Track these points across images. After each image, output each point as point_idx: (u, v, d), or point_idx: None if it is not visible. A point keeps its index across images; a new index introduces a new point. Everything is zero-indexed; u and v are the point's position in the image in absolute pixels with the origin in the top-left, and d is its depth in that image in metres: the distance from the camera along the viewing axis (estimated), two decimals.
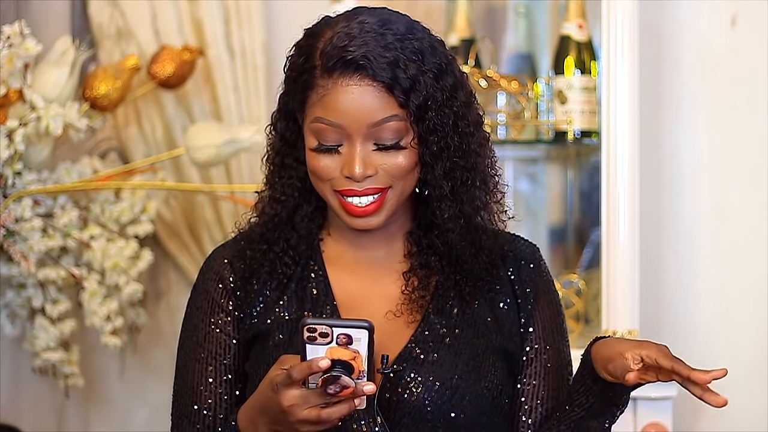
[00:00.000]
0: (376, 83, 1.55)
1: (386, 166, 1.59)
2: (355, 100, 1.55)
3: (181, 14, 2.83)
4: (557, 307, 1.72)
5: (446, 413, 1.59)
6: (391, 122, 1.57)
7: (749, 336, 2.75)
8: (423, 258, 1.67)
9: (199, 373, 1.68)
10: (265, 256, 1.68)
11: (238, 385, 1.68)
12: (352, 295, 1.67)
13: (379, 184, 1.59)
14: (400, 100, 1.56)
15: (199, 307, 1.71)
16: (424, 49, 1.59)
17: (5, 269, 2.54)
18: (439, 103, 1.59)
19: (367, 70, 1.55)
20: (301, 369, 1.43)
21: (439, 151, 1.60)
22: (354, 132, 1.57)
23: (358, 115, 1.56)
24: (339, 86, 1.56)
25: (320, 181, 1.62)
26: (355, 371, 1.43)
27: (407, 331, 1.64)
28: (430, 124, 1.59)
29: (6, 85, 2.41)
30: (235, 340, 1.68)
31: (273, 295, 1.68)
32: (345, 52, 1.55)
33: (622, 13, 2.47)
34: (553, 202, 2.95)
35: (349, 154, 1.58)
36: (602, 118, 2.49)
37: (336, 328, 1.42)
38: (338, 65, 1.55)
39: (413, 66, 1.56)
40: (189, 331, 1.71)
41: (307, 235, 1.69)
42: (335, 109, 1.56)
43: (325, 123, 1.57)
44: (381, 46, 1.55)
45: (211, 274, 1.71)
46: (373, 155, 1.58)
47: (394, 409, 1.57)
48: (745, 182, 2.76)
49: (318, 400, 1.44)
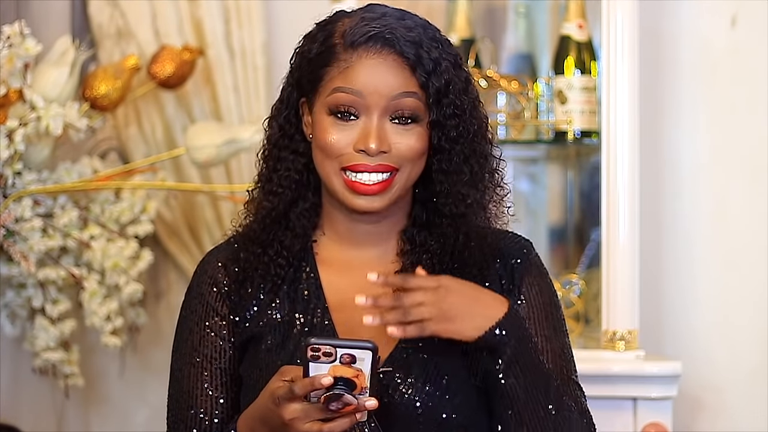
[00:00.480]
0: (400, 59, 1.59)
1: (399, 145, 1.60)
2: (378, 72, 1.59)
3: (181, 14, 2.83)
4: (550, 298, 1.70)
5: (438, 414, 1.59)
6: (411, 98, 1.60)
7: (749, 336, 2.75)
8: (415, 257, 1.67)
9: (195, 377, 1.68)
10: (259, 259, 1.68)
11: (234, 389, 1.68)
12: (344, 296, 1.67)
13: (390, 161, 1.60)
14: (422, 79, 1.59)
15: (193, 310, 1.71)
16: (442, 40, 1.63)
17: (5, 269, 2.54)
18: (459, 88, 1.62)
19: (393, 45, 1.58)
20: (303, 385, 1.44)
21: (458, 136, 1.63)
22: (373, 103, 1.59)
23: (379, 86, 1.59)
24: (363, 58, 1.59)
25: (328, 159, 1.62)
26: (357, 387, 1.43)
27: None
28: (449, 110, 1.61)
29: (6, 85, 2.41)
30: (230, 344, 1.68)
31: (266, 297, 1.68)
32: (370, 29, 1.58)
33: (622, 13, 2.47)
34: (553, 202, 2.95)
35: (366, 126, 1.60)
36: (602, 118, 2.49)
37: (340, 348, 1.43)
38: (363, 40, 1.59)
39: (435, 50, 1.60)
40: (184, 334, 1.71)
41: (302, 234, 1.69)
42: (357, 80, 1.59)
43: (345, 92, 1.59)
44: (404, 27, 1.59)
45: (205, 277, 1.71)
46: (388, 132, 1.60)
47: (386, 410, 1.57)
48: (745, 182, 2.76)
49: (319, 415, 1.45)
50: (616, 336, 2.46)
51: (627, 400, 2.45)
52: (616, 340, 2.46)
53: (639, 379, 2.44)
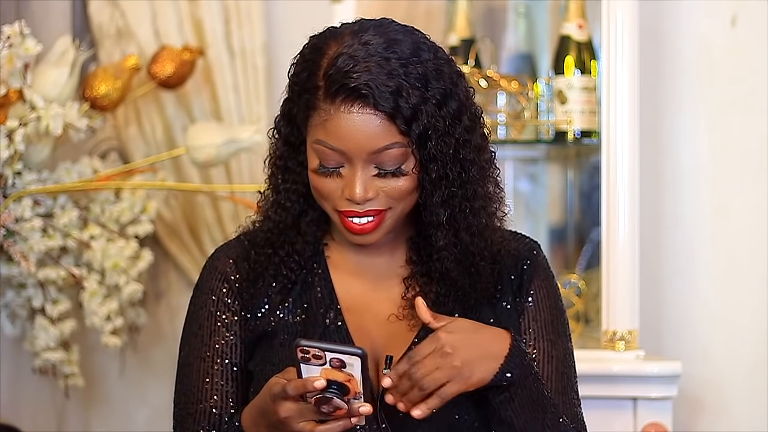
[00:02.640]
0: (378, 112, 1.55)
1: (387, 189, 1.60)
2: (356, 128, 1.56)
3: (181, 14, 2.83)
4: (555, 301, 1.71)
5: (449, 416, 1.60)
6: (393, 149, 1.57)
7: (749, 336, 2.75)
8: (423, 267, 1.68)
9: (205, 371, 1.68)
10: (270, 260, 1.69)
11: (243, 384, 1.68)
12: (356, 298, 1.68)
13: (379, 206, 1.60)
14: (402, 128, 1.56)
15: (203, 305, 1.71)
16: (428, 75, 1.58)
17: (5, 269, 2.54)
18: (440, 132, 1.58)
19: (369, 99, 1.54)
20: (296, 386, 1.45)
21: (438, 180, 1.61)
22: (355, 157, 1.57)
23: (359, 142, 1.56)
24: (341, 113, 1.56)
25: (322, 199, 1.63)
26: (350, 392, 1.44)
27: (410, 334, 1.64)
28: (431, 153, 1.59)
29: (6, 85, 2.41)
30: (240, 339, 1.69)
31: (277, 297, 1.69)
32: (348, 79, 1.54)
33: (622, 13, 2.47)
34: (553, 202, 2.95)
35: (350, 177, 1.59)
36: (602, 118, 2.49)
37: (328, 352, 1.43)
38: (341, 91, 1.55)
39: (416, 94, 1.56)
40: (193, 329, 1.71)
41: (313, 240, 1.70)
42: (337, 135, 1.56)
43: (326, 147, 1.58)
44: (384, 74, 1.55)
45: (216, 273, 1.72)
46: (374, 179, 1.59)
47: (397, 412, 1.57)
48: (745, 181, 2.76)
49: (313, 415, 1.46)
50: (616, 336, 2.46)
51: (627, 400, 2.45)
52: (616, 340, 2.46)
53: (639, 379, 2.44)
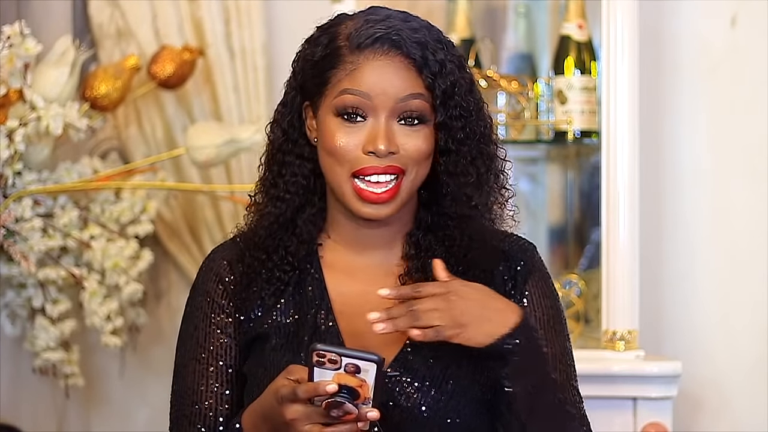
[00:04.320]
0: (407, 60, 1.59)
1: (407, 146, 1.60)
2: (386, 73, 1.59)
3: (181, 14, 2.83)
4: (552, 302, 1.70)
5: (443, 418, 1.59)
6: (418, 100, 1.60)
7: (749, 335, 2.75)
8: (420, 262, 1.67)
9: (200, 373, 1.68)
10: (264, 265, 1.68)
11: (239, 386, 1.68)
12: (349, 298, 1.67)
13: (398, 163, 1.60)
14: (428, 81, 1.60)
15: (199, 307, 1.71)
16: (446, 42, 1.63)
17: (5, 269, 2.54)
18: (464, 89, 1.62)
19: (400, 47, 1.59)
20: (307, 389, 1.44)
21: (465, 137, 1.63)
22: (381, 105, 1.59)
23: (387, 87, 1.59)
24: (370, 60, 1.59)
25: (338, 164, 1.62)
26: (360, 397, 1.43)
27: (403, 336, 1.63)
28: (455, 111, 1.62)
29: (6, 85, 2.41)
30: (235, 341, 1.68)
31: (271, 299, 1.68)
32: (376, 30, 1.59)
33: (622, 13, 2.47)
34: (553, 202, 2.95)
35: (374, 128, 1.60)
36: (602, 118, 2.49)
37: (345, 357, 1.42)
38: (369, 42, 1.59)
39: (440, 52, 1.60)
40: (189, 331, 1.71)
41: (308, 240, 1.69)
42: (365, 81, 1.59)
43: (353, 93, 1.59)
44: (409, 29, 1.60)
45: (211, 274, 1.71)
46: (396, 133, 1.60)
47: (390, 414, 1.57)
48: (744, 181, 2.76)
49: (321, 419, 1.45)
50: (616, 336, 2.46)
51: (627, 400, 2.45)
52: (616, 340, 2.46)
53: (639, 379, 2.44)
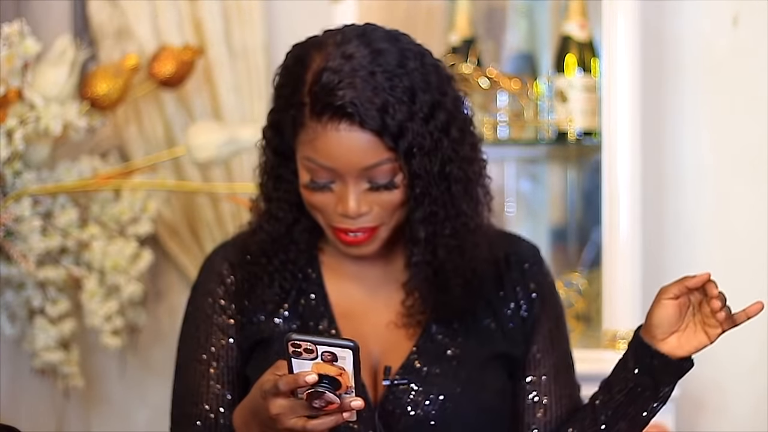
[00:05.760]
0: (365, 130, 1.53)
1: (380, 202, 1.58)
2: (345, 146, 1.54)
3: (181, 14, 2.83)
4: (561, 309, 1.72)
5: (450, 425, 1.59)
6: (383, 165, 1.56)
7: (750, 336, 2.74)
8: (424, 267, 1.65)
9: (201, 373, 1.68)
10: (264, 269, 1.68)
11: (240, 387, 1.68)
12: (351, 305, 1.67)
13: (372, 222, 1.59)
14: (389, 145, 1.54)
15: (200, 307, 1.70)
16: (415, 87, 1.55)
17: (5, 269, 2.53)
18: (426, 149, 1.56)
19: (355, 118, 1.52)
20: (287, 381, 1.43)
21: (421, 196, 1.59)
22: (346, 174, 1.56)
23: (349, 159, 1.54)
24: (328, 131, 1.53)
25: (316, 212, 1.62)
26: (342, 387, 1.42)
27: (409, 343, 1.63)
28: (416, 170, 1.57)
29: (6, 85, 2.40)
30: (236, 343, 1.68)
31: (272, 305, 1.68)
32: (333, 97, 1.52)
33: (623, 12, 2.47)
34: (554, 201, 2.94)
35: (343, 193, 1.57)
36: (603, 117, 2.49)
37: (320, 345, 1.42)
38: (327, 110, 1.53)
39: (403, 109, 1.54)
40: (190, 331, 1.71)
41: (307, 248, 1.69)
42: (326, 154, 1.54)
43: (316, 164, 1.56)
44: (370, 90, 1.52)
45: (213, 275, 1.71)
46: (366, 193, 1.57)
47: (397, 421, 1.57)
48: (746, 181, 2.76)
49: (305, 411, 1.44)
50: (617, 336, 2.45)
51: None
52: (617, 340, 2.45)
53: None
